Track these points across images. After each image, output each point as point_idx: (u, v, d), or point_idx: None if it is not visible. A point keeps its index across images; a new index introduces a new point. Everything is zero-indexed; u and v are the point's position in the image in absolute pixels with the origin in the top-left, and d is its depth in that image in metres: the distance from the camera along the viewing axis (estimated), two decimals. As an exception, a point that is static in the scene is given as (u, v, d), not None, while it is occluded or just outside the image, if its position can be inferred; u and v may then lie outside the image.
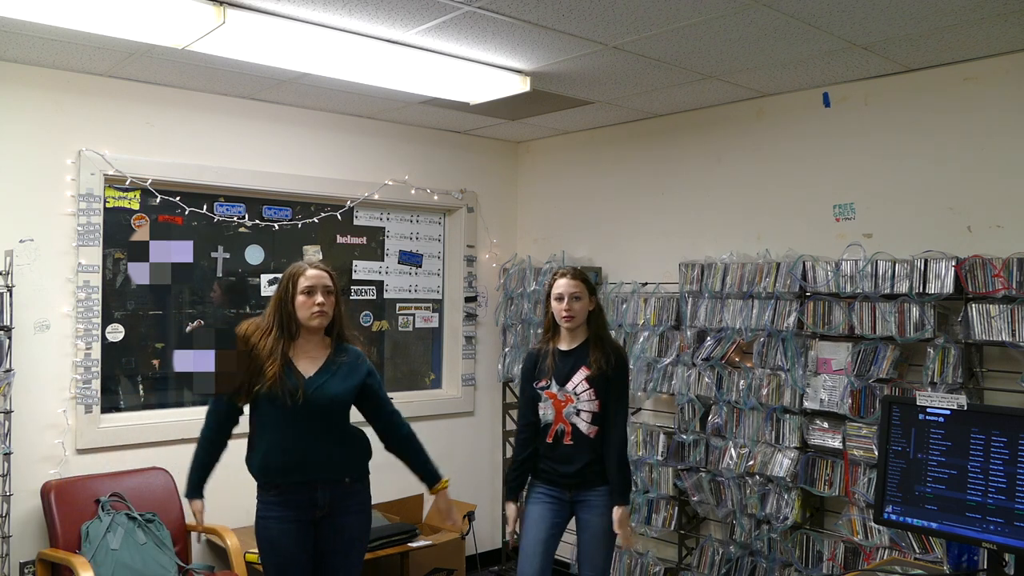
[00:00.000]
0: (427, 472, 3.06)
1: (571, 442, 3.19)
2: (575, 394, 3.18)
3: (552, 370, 3.24)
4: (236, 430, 3.02)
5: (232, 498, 4.20)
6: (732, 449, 3.89)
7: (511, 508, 3.37)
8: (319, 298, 2.84)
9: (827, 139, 3.82)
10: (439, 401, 5.07)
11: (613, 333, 4.43)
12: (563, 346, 3.27)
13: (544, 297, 3.36)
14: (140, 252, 4.09)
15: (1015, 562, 2.43)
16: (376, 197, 4.75)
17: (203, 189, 4.21)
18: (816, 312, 3.63)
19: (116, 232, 4.01)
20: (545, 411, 3.24)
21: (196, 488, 3.02)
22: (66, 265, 3.76)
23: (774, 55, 3.39)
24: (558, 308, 3.22)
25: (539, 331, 4.80)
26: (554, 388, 3.22)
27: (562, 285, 3.22)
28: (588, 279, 3.27)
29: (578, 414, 3.19)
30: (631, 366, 4.34)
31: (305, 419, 2.82)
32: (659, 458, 4.20)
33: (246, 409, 2.95)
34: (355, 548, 2.97)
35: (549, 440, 3.23)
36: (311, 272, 2.87)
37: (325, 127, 4.57)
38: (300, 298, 2.84)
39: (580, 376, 3.18)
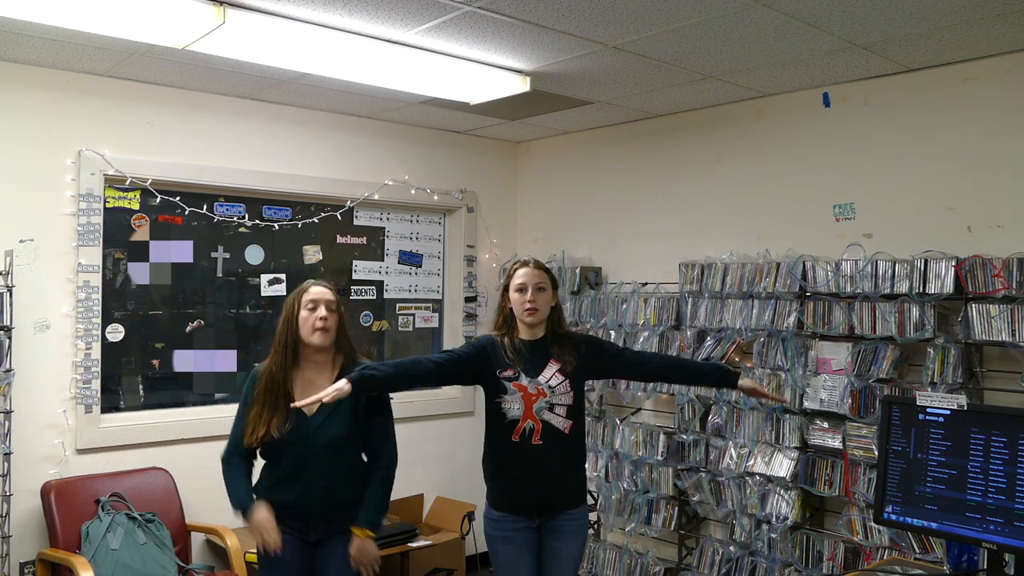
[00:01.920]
0: (366, 513, 2.82)
1: (540, 441, 2.83)
2: (548, 387, 2.85)
3: (519, 362, 2.88)
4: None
5: (232, 498, 4.20)
6: (732, 449, 3.89)
7: None
8: (321, 311, 2.78)
9: (827, 139, 3.83)
10: (439, 401, 5.07)
11: (613, 334, 4.43)
12: (526, 337, 2.94)
13: (501, 289, 3.02)
14: (140, 252, 4.10)
15: (1015, 562, 2.42)
16: (376, 197, 4.75)
17: (203, 189, 4.21)
18: (816, 312, 3.63)
19: (116, 232, 4.01)
20: (511, 405, 2.85)
21: (247, 495, 2.87)
22: (66, 265, 3.76)
23: (774, 55, 3.39)
24: (519, 300, 2.89)
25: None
26: (523, 380, 2.86)
27: (525, 275, 2.91)
28: (551, 272, 3.00)
29: (551, 409, 2.85)
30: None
31: (308, 458, 2.77)
32: (659, 458, 4.20)
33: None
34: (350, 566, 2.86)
35: (515, 439, 2.84)
36: (314, 288, 2.83)
37: (325, 127, 4.57)
38: (303, 314, 2.79)
39: (552, 369, 2.87)
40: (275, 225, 4.47)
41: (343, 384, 2.64)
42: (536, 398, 2.85)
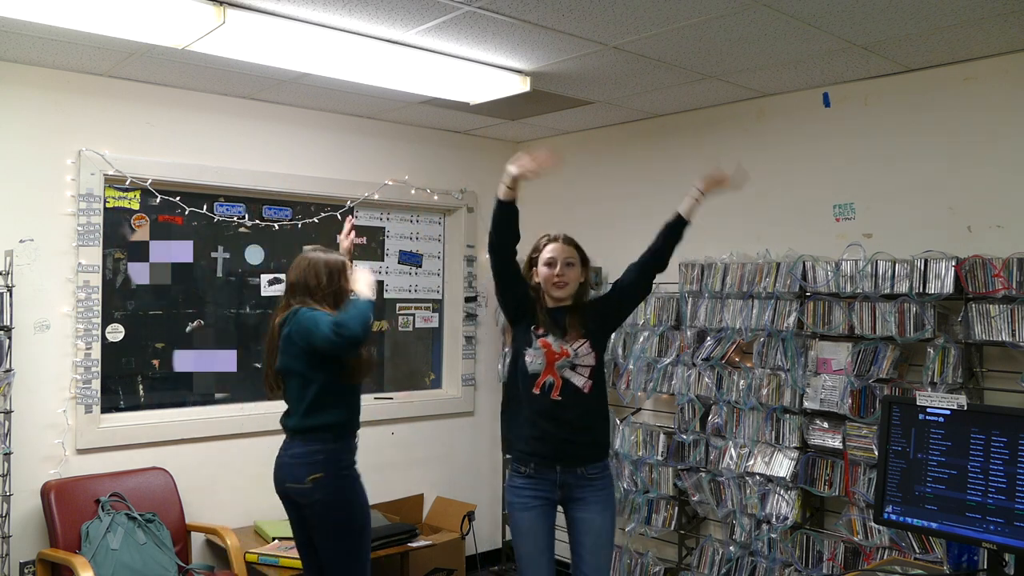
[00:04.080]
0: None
1: (559, 397, 2.87)
2: (573, 349, 2.90)
3: (547, 323, 2.95)
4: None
5: (232, 498, 4.22)
6: (732, 449, 3.89)
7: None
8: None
9: (827, 139, 3.83)
10: (439, 401, 5.07)
11: (613, 335, 4.42)
12: (550, 304, 3.01)
13: (526, 262, 3.07)
14: (140, 252, 4.10)
15: (1015, 562, 2.43)
16: (376, 197, 4.75)
17: (203, 189, 4.21)
18: (816, 312, 3.63)
19: (116, 232, 4.01)
20: (534, 359, 2.91)
21: None
22: (66, 265, 3.76)
23: (774, 55, 3.39)
24: (548, 274, 2.96)
25: None
26: (551, 338, 2.92)
27: (554, 250, 2.98)
28: (576, 242, 3.04)
29: (573, 368, 2.90)
30: (631, 365, 4.35)
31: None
32: (659, 458, 4.20)
33: None
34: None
35: (536, 391, 2.89)
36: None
37: (325, 127, 4.57)
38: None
39: (574, 332, 2.92)
40: (275, 225, 4.47)
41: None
42: (559, 356, 2.90)
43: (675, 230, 3.12)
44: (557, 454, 2.90)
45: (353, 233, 3.59)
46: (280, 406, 3.21)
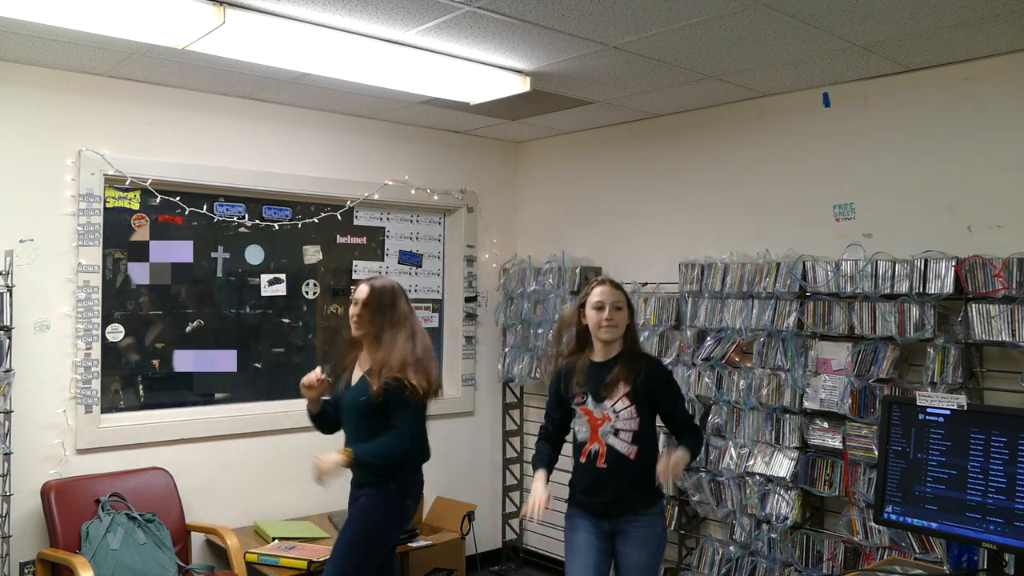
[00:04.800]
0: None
1: (605, 465, 2.92)
2: (614, 412, 2.92)
3: (586, 384, 3.00)
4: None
5: (232, 498, 4.22)
6: (732, 449, 3.89)
7: (539, 477, 3.03)
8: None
9: (827, 139, 3.83)
10: (439, 401, 5.04)
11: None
12: (597, 358, 3.03)
13: (577, 304, 3.11)
14: (140, 252, 4.10)
15: (1015, 562, 2.43)
16: (376, 197, 4.75)
17: (203, 189, 4.21)
18: (816, 312, 3.63)
19: (116, 232, 4.01)
20: (580, 428, 3.00)
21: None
22: (66, 265, 3.76)
23: (774, 55, 3.39)
24: (597, 318, 2.97)
25: (539, 331, 4.81)
26: (590, 404, 2.96)
27: (603, 293, 3.00)
28: (622, 287, 3.09)
29: (616, 434, 2.92)
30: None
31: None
32: (659, 458, 4.20)
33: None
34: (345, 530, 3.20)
35: (583, 460, 2.97)
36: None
37: (325, 127, 4.57)
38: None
39: (620, 391, 2.93)
40: (275, 225, 4.47)
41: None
42: (602, 422, 2.95)
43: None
44: (604, 512, 2.98)
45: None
46: (279, 406, 3.24)
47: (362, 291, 3.21)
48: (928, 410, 2.53)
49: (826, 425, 3.61)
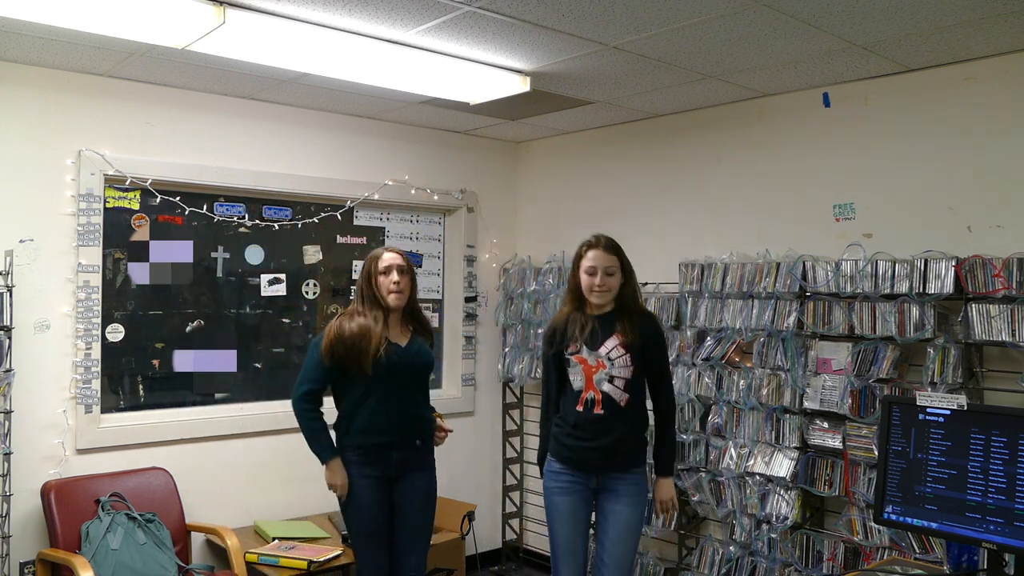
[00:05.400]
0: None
1: (601, 411, 2.98)
2: (608, 359, 2.98)
3: (582, 334, 3.05)
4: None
5: (232, 498, 4.22)
6: (732, 449, 3.89)
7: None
8: (395, 276, 3.24)
9: (827, 139, 3.83)
10: (439, 401, 5.06)
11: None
12: (592, 312, 3.12)
13: (572, 265, 3.17)
14: (140, 252, 4.10)
15: (1015, 562, 2.43)
16: (376, 197, 4.75)
17: (203, 189, 4.21)
18: (816, 312, 3.63)
19: (116, 232, 4.01)
20: (575, 377, 3.05)
21: (329, 450, 3.28)
22: (66, 265, 3.76)
23: (774, 55, 3.39)
24: (588, 282, 3.04)
25: (539, 331, 4.80)
26: (584, 352, 3.02)
27: (595, 258, 3.03)
28: (622, 252, 3.11)
29: (611, 380, 2.98)
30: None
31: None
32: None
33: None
34: (429, 501, 3.39)
35: (579, 408, 3.03)
36: (387, 255, 3.29)
37: (325, 127, 4.57)
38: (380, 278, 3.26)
39: (613, 341, 3.00)
40: (275, 225, 4.47)
41: None
42: (596, 369, 3.00)
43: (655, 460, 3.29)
44: (596, 466, 3.02)
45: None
46: (279, 406, 3.24)
47: (397, 258, 3.28)
48: (928, 410, 2.53)
49: (826, 425, 3.61)
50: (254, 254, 4.45)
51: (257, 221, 4.42)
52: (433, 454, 3.44)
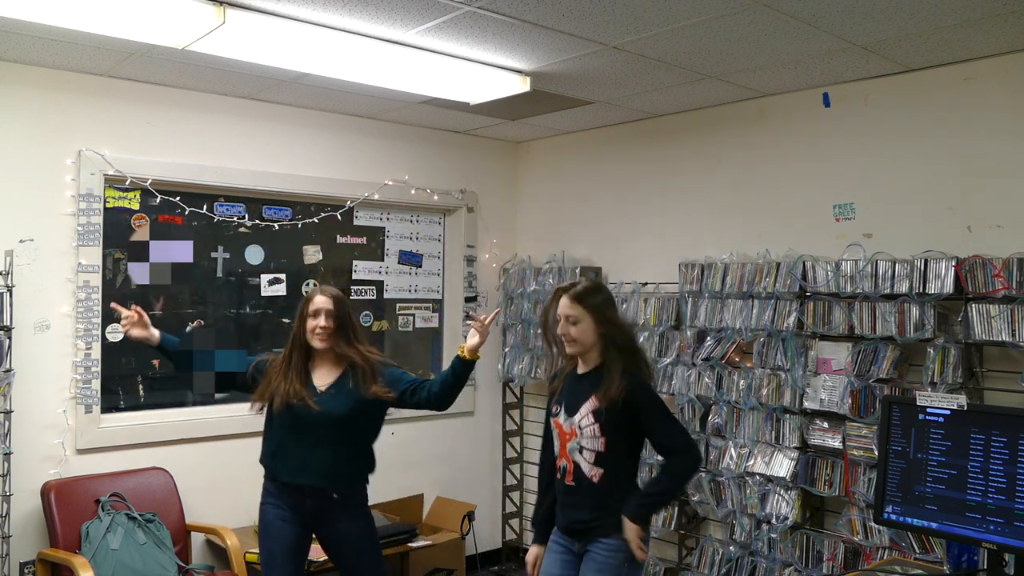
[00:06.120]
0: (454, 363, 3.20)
1: (572, 483, 2.70)
2: (579, 427, 2.68)
3: (562, 396, 2.78)
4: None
5: (232, 498, 4.22)
6: (732, 449, 3.89)
7: (532, 552, 2.90)
8: (321, 320, 3.06)
9: (827, 139, 3.83)
10: (439, 401, 5.06)
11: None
12: (579, 369, 2.78)
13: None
14: (140, 252, 4.10)
15: (1015, 562, 2.43)
16: (376, 197, 4.75)
17: (203, 189, 4.21)
18: (816, 312, 3.63)
19: (116, 232, 4.01)
20: (555, 441, 2.79)
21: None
22: (66, 265, 3.76)
23: (774, 55, 3.39)
24: (555, 331, 2.75)
25: (539, 331, 4.80)
26: (562, 417, 2.75)
27: (561, 306, 2.72)
28: (590, 298, 2.71)
29: (580, 451, 2.68)
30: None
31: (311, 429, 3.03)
32: (659, 458, 4.19)
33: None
34: (359, 548, 3.14)
35: (557, 475, 2.77)
36: (318, 297, 3.10)
37: (325, 127, 4.57)
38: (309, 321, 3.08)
39: (588, 407, 2.67)
40: (275, 225, 4.47)
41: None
42: (569, 437, 2.71)
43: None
44: (568, 531, 2.77)
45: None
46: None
47: (328, 303, 3.07)
48: (928, 410, 2.53)
49: (826, 425, 3.61)
50: (254, 254, 4.45)
51: (257, 221, 4.42)
52: (362, 498, 3.16)
